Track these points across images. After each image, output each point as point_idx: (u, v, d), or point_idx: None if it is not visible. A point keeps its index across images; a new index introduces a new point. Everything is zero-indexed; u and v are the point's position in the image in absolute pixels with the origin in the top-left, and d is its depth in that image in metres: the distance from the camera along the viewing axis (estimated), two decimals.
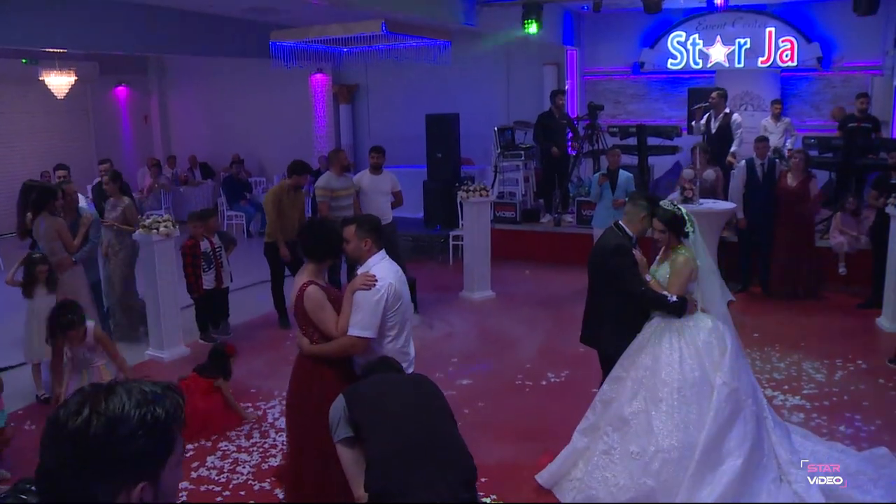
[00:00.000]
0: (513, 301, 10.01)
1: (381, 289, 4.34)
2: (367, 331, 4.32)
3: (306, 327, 4.46)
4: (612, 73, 15.21)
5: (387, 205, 9.46)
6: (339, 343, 4.36)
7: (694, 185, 9.53)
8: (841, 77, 13.67)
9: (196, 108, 19.31)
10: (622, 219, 5.40)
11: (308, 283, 4.41)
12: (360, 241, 4.46)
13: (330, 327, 4.37)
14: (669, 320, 5.01)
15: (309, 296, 4.37)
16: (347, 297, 4.38)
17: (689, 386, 4.77)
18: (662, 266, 5.18)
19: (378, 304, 4.32)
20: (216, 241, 8.38)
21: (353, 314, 4.31)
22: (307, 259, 4.57)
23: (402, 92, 16.52)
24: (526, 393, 7.01)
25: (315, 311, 4.37)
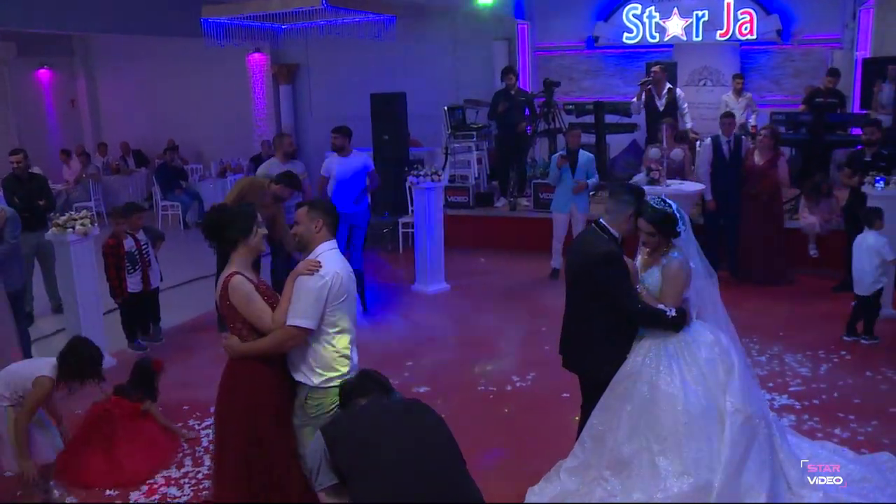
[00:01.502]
0: (470, 294, 9.33)
1: (326, 275, 3.94)
2: (307, 320, 3.89)
3: (235, 324, 4.01)
4: (565, 48, 14.60)
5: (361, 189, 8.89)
6: (274, 336, 3.93)
7: (661, 166, 8.93)
8: (801, 51, 13.28)
9: (128, 91, 18.28)
10: (604, 217, 4.58)
11: (232, 273, 3.97)
12: (311, 221, 4.04)
13: (263, 319, 3.95)
14: (665, 338, 4.34)
15: (234, 287, 3.93)
16: (289, 284, 3.98)
17: (696, 417, 4.12)
18: (651, 272, 4.50)
19: (320, 292, 3.92)
20: (141, 237, 7.54)
21: (293, 302, 3.91)
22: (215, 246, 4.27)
23: (346, 71, 15.75)
24: (491, 401, 6.33)
25: (243, 304, 3.94)
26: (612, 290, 4.35)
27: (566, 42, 14.53)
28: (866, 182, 8.15)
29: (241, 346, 3.98)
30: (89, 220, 6.94)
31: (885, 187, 8.00)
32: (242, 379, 4.03)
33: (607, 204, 4.60)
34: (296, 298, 3.88)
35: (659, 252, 4.45)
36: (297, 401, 4.05)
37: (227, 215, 4.10)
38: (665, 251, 4.43)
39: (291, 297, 3.90)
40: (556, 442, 5.21)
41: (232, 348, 4.00)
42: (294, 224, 4.11)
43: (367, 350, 7.47)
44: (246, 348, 3.97)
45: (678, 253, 4.40)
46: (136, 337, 7.71)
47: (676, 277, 4.34)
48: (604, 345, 4.47)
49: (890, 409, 5.97)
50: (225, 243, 4.06)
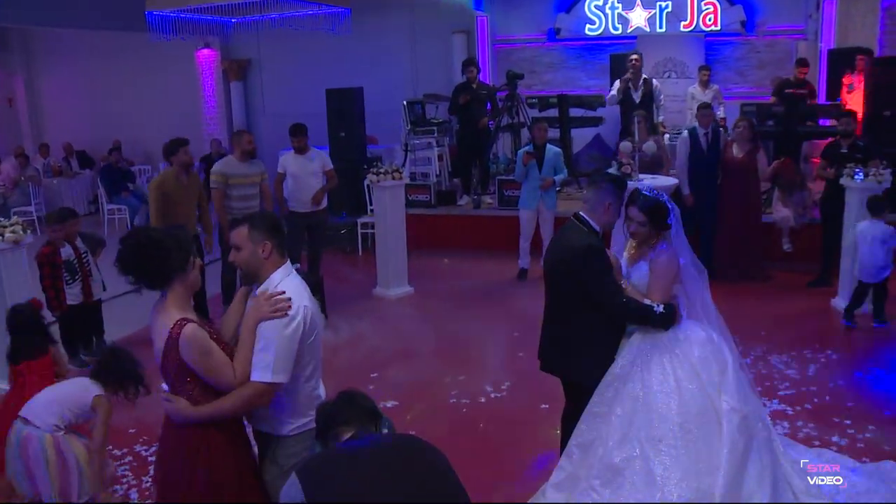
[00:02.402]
0: (434, 297, 8.85)
1: (297, 316, 3.21)
2: (278, 374, 3.18)
3: (183, 383, 3.20)
4: (525, 40, 14.22)
5: (319, 188, 8.48)
6: (240, 396, 3.18)
7: (633, 160, 8.54)
8: (765, 42, 13.09)
9: (70, 89, 17.52)
10: (582, 208, 4.20)
11: (181, 322, 3.13)
12: (255, 245, 3.26)
13: (225, 376, 3.18)
14: (654, 336, 4.00)
15: (190, 339, 3.11)
16: (248, 328, 3.21)
17: (692, 418, 3.78)
18: (638, 266, 4.14)
19: (293, 338, 3.20)
20: (80, 245, 6.94)
21: (260, 353, 3.17)
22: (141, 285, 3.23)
23: (299, 66, 15.22)
24: (464, 414, 5.86)
25: (201, 359, 3.14)
26: (593, 286, 4.00)
27: (527, 34, 14.16)
28: (845, 174, 7.86)
29: (195, 411, 3.17)
30: (21, 226, 6.34)
31: (864, 179, 7.70)
32: (193, 451, 3.22)
33: (585, 193, 4.28)
34: (264, 346, 3.17)
35: (647, 245, 4.13)
36: (264, 455, 3.43)
37: (155, 249, 3.15)
38: (653, 244, 4.10)
39: (256, 345, 3.19)
40: (539, 460, 4.85)
41: (182, 414, 3.18)
42: (232, 249, 3.34)
43: (328, 362, 6.97)
44: (202, 413, 3.17)
45: (667, 245, 4.04)
46: (77, 352, 7.12)
47: (665, 271, 4.02)
48: (588, 346, 4.11)
49: (886, 413, 5.66)
50: (156, 284, 3.20)
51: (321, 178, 8.45)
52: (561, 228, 4.36)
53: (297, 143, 8.40)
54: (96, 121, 17.02)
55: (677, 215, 4.15)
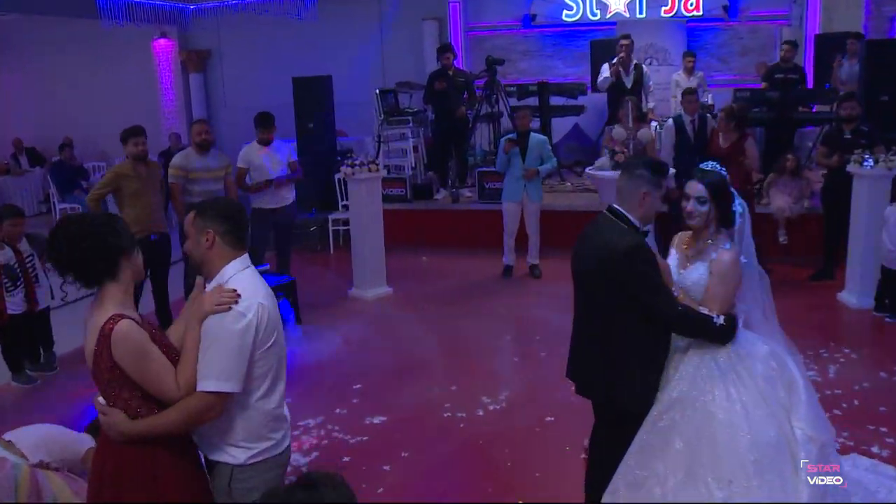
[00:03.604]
0: (415, 298, 8.21)
1: (248, 313, 2.76)
2: (227, 382, 2.72)
3: (119, 391, 2.72)
4: (499, 27, 13.69)
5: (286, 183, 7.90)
6: (184, 408, 2.72)
7: (627, 148, 7.99)
8: (748, 27, 12.71)
9: (18, 82, 16.70)
10: (615, 200, 3.53)
11: (116, 317, 2.67)
12: (199, 233, 2.86)
13: (165, 383, 2.72)
14: (712, 353, 3.36)
15: (122, 338, 2.65)
16: (192, 327, 2.77)
17: (764, 450, 3.15)
18: (694, 268, 3.49)
19: (243, 338, 2.74)
20: (24, 248, 6.20)
21: (204, 356, 2.73)
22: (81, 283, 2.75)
23: (262, 56, 14.55)
24: (462, 430, 5.23)
25: (137, 361, 2.68)
26: (642, 294, 3.32)
27: (501, 21, 13.62)
28: (852, 161, 7.39)
29: (133, 426, 2.71)
30: None
31: (875, 166, 7.23)
32: (132, 472, 2.75)
33: (618, 183, 3.54)
34: (208, 351, 2.72)
35: (703, 241, 3.48)
36: (216, 486, 2.90)
37: (91, 237, 2.68)
38: (712, 241, 3.46)
39: (200, 347, 2.74)
40: (551, 483, 4.35)
41: (116, 428, 2.71)
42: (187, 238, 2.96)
43: (306, 373, 6.34)
44: (141, 428, 2.71)
45: (731, 244, 3.42)
46: (22, 367, 6.38)
47: (729, 275, 3.37)
48: (634, 366, 3.41)
49: None
50: (96, 278, 2.73)
51: (285, 170, 7.89)
52: (591, 225, 3.62)
53: (267, 134, 7.79)
54: (46, 115, 16.20)
55: (744, 205, 3.54)
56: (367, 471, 4.73)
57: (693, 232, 3.56)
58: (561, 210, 9.65)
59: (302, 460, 4.86)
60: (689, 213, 3.46)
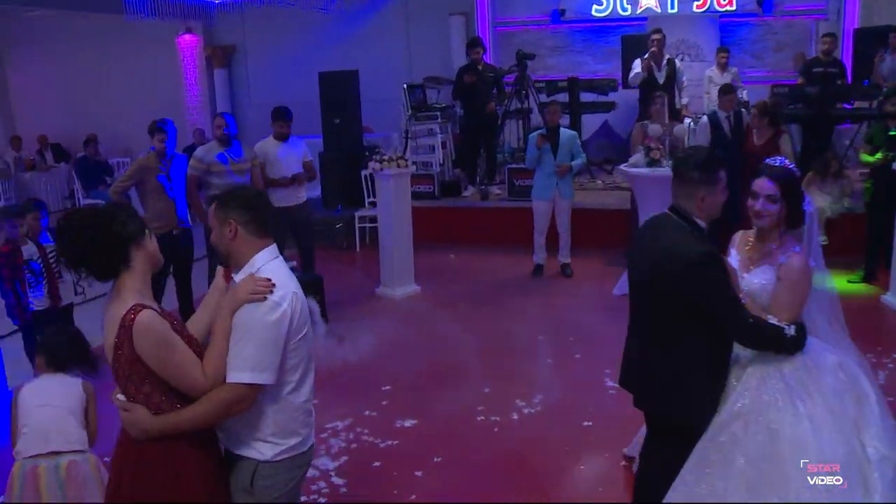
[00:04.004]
0: (444, 297, 8.01)
1: (283, 303, 2.64)
2: (262, 373, 2.60)
3: (139, 386, 2.58)
4: (528, 22, 13.42)
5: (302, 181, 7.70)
6: (213, 401, 2.59)
7: (662, 144, 7.75)
8: (783, 22, 12.37)
9: (44, 78, 16.56)
10: (676, 200, 3.23)
11: (136, 307, 2.53)
12: (220, 225, 2.74)
13: (191, 376, 2.58)
14: (777, 364, 3.10)
15: (144, 329, 2.51)
16: (223, 317, 2.64)
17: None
18: (760, 272, 3.23)
19: (278, 328, 2.62)
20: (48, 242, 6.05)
21: (237, 346, 2.59)
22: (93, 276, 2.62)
23: (287, 52, 14.36)
24: (496, 436, 5.03)
25: (160, 353, 2.54)
26: (712, 304, 3.05)
27: (529, 16, 13.36)
28: None
29: (157, 421, 2.56)
30: None
31: None
32: (153, 471, 2.61)
33: (672, 187, 3.25)
34: (241, 340, 2.59)
35: (770, 242, 3.23)
36: (237, 481, 2.75)
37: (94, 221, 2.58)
38: (780, 243, 3.20)
39: (232, 338, 2.60)
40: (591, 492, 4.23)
41: (139, 425, 2.57)
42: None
43: (333, 374, 6.12)
44: (166, 423, 2.57)
45: (801, 247, 3.17)
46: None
47: (800, 281, 3.11)
48: (696, 377, 3.15)
49: None
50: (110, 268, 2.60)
51: (300, 168, 7.70)
52: (651, 226, 3.37)
53: (284, 128, 7.59)
54: (71, 112, 16.10)
55: (813, 204, 3.30)
56: (398, 477, 4.54)
57: (758, 232, 3.29)
58: (592, 208, 9.43)
59: (330, 465, 4.67)
60: (758, 213, 3.19)
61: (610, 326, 6.81)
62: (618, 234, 9.11)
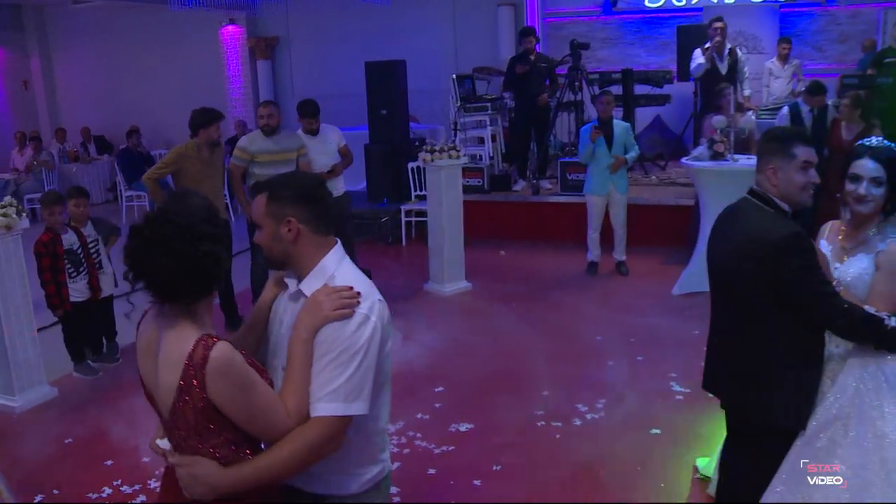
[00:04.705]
0: (495, 294, 7.70)
1: (371, 315, 2.16)
2: (355, 402, 2.12)
3: (207, 438, 2.05)
4: (578, 13, 13.05)
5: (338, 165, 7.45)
6: (298, 442, 2.06)
7: (727, 137, 7.36)
8: (847, 13, 11.84)
9: (88, 71, 16.58)
10: (760, 182, 2.96)
11: (207, 340, 2.00)
12: (276, 223, 2.21)
13: (275, 416, 2.06)
14: (876, 359, 2.80)
15: (223, 366, 1.98)
16: (301, 340, 2.11)
17: None
18: (856, 259, 2.93)
19: (370, 347, 2.15)
20: (88, 231, 5.86)
21: (324, 373, 2.10)
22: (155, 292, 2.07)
23: (332, 42, 14.17)
24: (558, 443, 4.71)
25: (240, 397, 2.02)
26: (801, 291, 2.76)
27: (580, 7, 12.98)
28: None
29: (228, 476, 2.04)
30: (15, 208, 5.26)
31: None
32: None
33: (760, 161, 2.97)
34: (329, 366, 2.11)
35: (867, 229, 2.92)
36: None
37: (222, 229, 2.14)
38: (878, 230, 2.91)
39: (317, 364, 2.12)
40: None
41: (207, 482, 2.03)
42: (255, 229, 2.30)
43: None
44: (241, 477, 2.05)
45: None
46: (84, 358, 6.05)
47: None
48: (787, 376, 2.85)
49: None
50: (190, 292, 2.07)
51: (335, 157, 7.43)
52: (730, 212, 3.08)
53: (312, 124, 7.31)
54: (115, 104, 16.11)
55: None
56: (455, 486, 4.25)
57: (854, 219, 2.98)
58: (646, 204, 9.06)
59: None
60: (861, 198, 2.88)
61: (672, 328, 6.48)
62: (674, 232, 8.75)
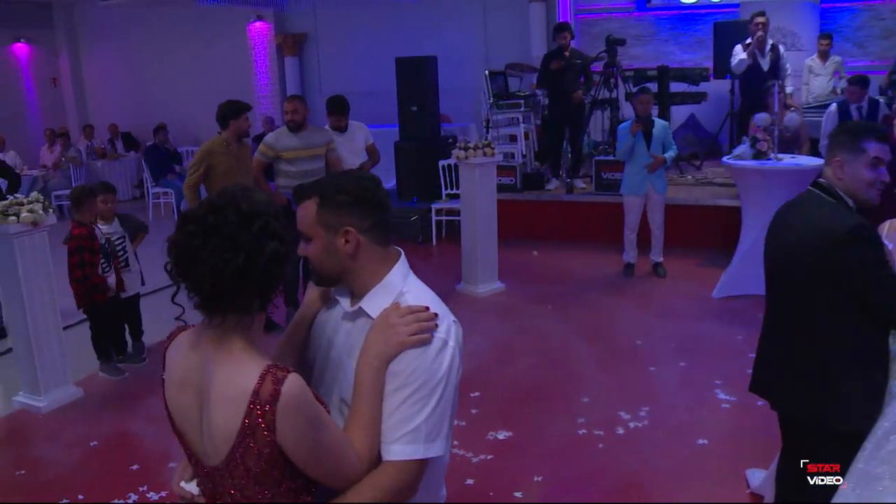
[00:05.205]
0: (529, 296, 7.50)
1: (449, 339, 1.87)
2: (435, 441, 1.82)
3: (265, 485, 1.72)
4: (611, 10, 12.79)
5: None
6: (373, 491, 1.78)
7: (770, 135, 7.11)
8: (891, 7, 11.50)
9: (115, 68, 16.56)
10: (826, 174, 2.85)
11: (275, 372, 1.66)
12: (330, 233, 1.88)
13: (345, 459, 1.76)
14: None
15: (295, 403, 1.65)
16: (372, 368, 1.81)
17: None
18: None
19: (450, 376, 1.85)
20: (115, 228, 5.71)
21: (401, 410, 1.80)
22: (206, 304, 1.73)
23: (360, 39, 14.00)
24: (601, 452, 4.51)
25: (311, 436, 1.69)
26: (867, 285, 2.62)
27: (614, 3, 12.73)
28: None
29: None
30: (42, 204, 5.13)
31: None
32: None
33: (828, 153, 2.87)
34: (407, 401, 1.81)
35: None
36: None
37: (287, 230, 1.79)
38: None
39: (391, 399, 1.82)
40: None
41: None
42: (301, 239, 1.94)
43: None
44: None
45: None
46: (111, 357, 5.91)
47: None
48: (850, 376, 2.69)
49: None
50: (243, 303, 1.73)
51: (362, 155, 7.30)
52: (791, 204, 2.94)
53: (341, 121, 7.19)
54: (142, 101, 16.10)
55: None
56: (495, 497, 4.06)
57: None
58: (683, 204, 8.80)
59: None
60: None
61: (714, 333, 6.25)
62: (712, 233, 8.51)
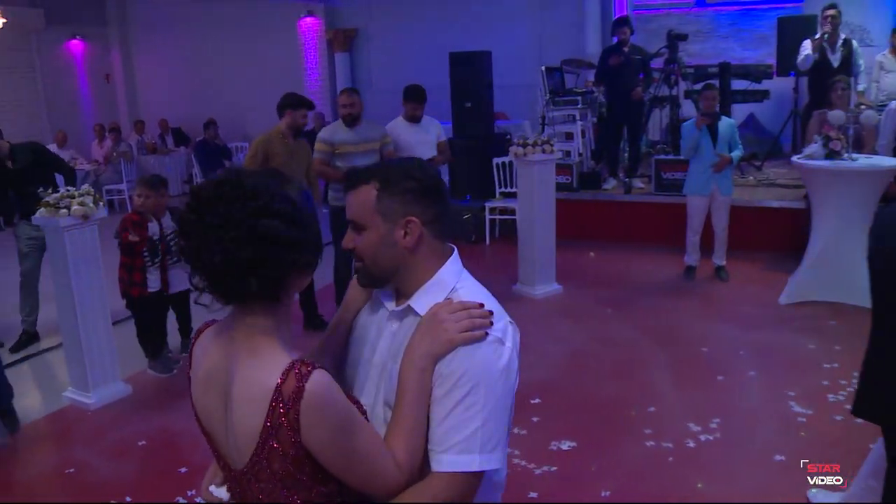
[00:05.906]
0: (588, 298, 7.25)
1: (506, 340, 1.68)
2: (493, 452, 1.63)
3: (298, 491, 1.56)
4: (669, 5, 12.48)
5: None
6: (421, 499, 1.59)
7: (843, 134, 6.77)
8: None
9: (166, 64, 16.64)
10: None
11: (300, 367, 1.48)
12: (389, 223, 1.71)
13: (383, 468, 1.57)
14: None
15: (321, 401, 1.48)
16: (417, 369, 1.62)
17: None
18: None
19: (507, 380, 1.66)
20: (167, 223, 5.60)
21: (453, 415, 1.61)
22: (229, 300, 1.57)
23: (412, 35, 13.88)
24: (672, 466, 4.25)
25: (341, 440, 1.52)
26: None
27: None
28: None
29: None
30: (93, 198, 5.02)
31: None
32: None
33: None
34: (459, 405, 1.62)
35: None
36: None
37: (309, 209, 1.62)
38: None
39: (440, 403, 1.63)
40: None
41: None
42: (349, 229, 1.77)
43: None
44: None
45: None
46: (161, 353, 5.79)
47: None
48: None
49: None
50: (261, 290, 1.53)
51: (434, 151, 7.12)
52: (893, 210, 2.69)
53: (417, 109, 7.04)
54: (193, 97, 16.16)
55: None
56: None
57: None
58: (746, 206, 8.47)
59: None
60: None
61: (784, 341, 5.95)
62: (776, 236, 8.19)
